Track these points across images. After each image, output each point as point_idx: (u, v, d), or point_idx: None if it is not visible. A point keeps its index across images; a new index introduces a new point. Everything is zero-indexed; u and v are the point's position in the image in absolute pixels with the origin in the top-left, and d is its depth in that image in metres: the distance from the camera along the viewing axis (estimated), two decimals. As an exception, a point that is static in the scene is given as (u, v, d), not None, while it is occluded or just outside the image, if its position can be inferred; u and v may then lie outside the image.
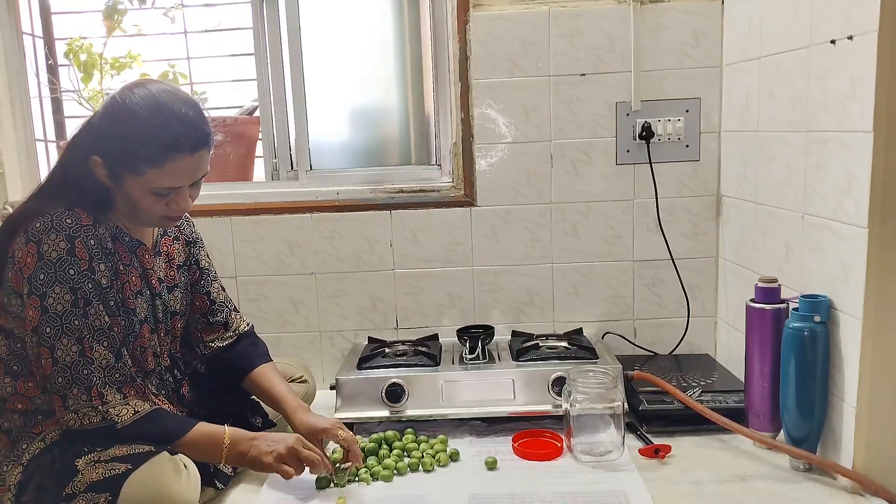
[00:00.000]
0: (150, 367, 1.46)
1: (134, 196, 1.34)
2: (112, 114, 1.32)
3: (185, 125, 1.31)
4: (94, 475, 1.23)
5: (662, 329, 2.11)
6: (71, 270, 1.28)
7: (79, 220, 1.31)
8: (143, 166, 1.30)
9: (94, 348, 1.29)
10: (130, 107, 1.30)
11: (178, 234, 1.58)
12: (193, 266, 1.61)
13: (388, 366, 1.80)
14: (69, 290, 1.28)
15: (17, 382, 1.36)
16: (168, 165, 1.31)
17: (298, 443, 1.39)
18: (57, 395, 1.28)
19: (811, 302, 1.46)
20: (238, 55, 2.24)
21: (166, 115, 1.30)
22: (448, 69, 2.08)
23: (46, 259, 1.27)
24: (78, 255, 1.29)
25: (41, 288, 1.27)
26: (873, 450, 1.38)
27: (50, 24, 2.31)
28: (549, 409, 1.72)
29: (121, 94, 1.33)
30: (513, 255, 2.10)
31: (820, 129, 1.49)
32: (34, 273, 1.27)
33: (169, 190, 1.34)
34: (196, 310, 1.63)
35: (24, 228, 1.29)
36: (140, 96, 1.31)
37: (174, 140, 1.30)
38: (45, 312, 1.27)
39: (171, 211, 1.38)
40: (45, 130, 2.30)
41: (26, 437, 1.35)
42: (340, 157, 2.22)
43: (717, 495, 1.42)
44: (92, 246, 1.31)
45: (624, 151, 2.03)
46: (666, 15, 1.97)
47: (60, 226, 1.29)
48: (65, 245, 1.28)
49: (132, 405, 1.31)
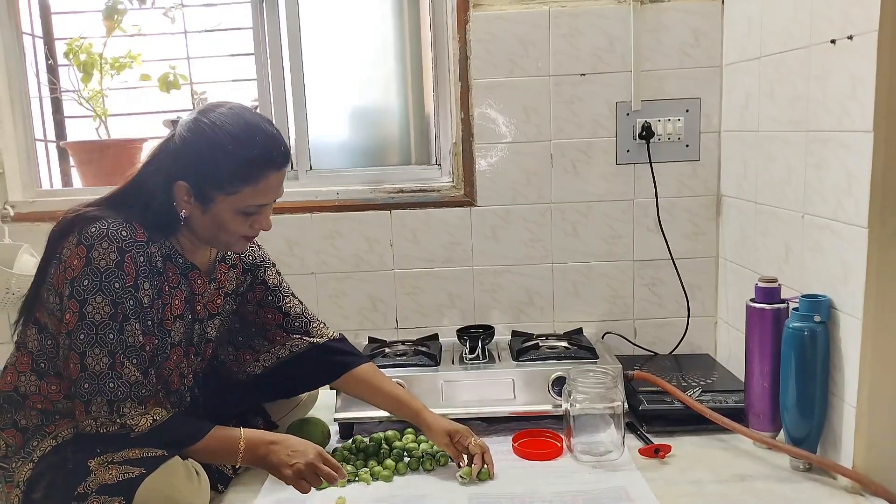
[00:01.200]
0: (174, 388, 1.45)
1: (222, 217, 1.34)
2: (200, 135, 1.31)
3: (274, 140, 1.34)
4: (108, 477, 1.22)
5: (662, 329, 2.11)
6: (116, 283, 1.28)
7: (134, 233, 1.30)
8: (238, 184, 1.31)
9: (125, 364, 1.28)
10: (220, 126, 1.30)
11: (237, 262, 1.56)
12: (259, 287, 1.59)
13: (388, 366, 1.80)
14: (110, 303, 1.27)
15: (42, 383, 1.35)
16: (262, 182, 1.32)
17: (319, 458, 1.36)
18: (80, 401, 1.28)
19: (811, 302, 1.46)
20: (238, 55, 2.24)
21: (256, 132, 1.32)
22: (448, 69, 2.08)
23: (94, 266, 1.27)
24: (125, 270, 1.29)
25: (83, 294, 1.27)
26: (873, 450, 1.38)
27: (50, 24, 2.30)
28: (549, 409, 1.72)
29: (204, 115, 1.32)
30: (513, 255, 2.10)
31: (820, 129, 1.49)
32: (78, 277, 1.27)
33: (258, 208, 1.36)
34: (270, 322, 1.61)
35: (79, 230, 1.29)
36: (227, 116, 1.32)
37: (267, 155, 1.32)
38: (82, 319, 1.27)
39: (254, 231, 1.39)
40: (45, 130, 2.30)
41: (39, 434, 1.34)
42: (340, 157, 2.22)
43: (717, 495, 1.42)
44: (140, 263, 1.31)
45: (624, 151, 2.03)
46: (666, 15, 1.97)
47: (115, 237, 1.28)
48: (115, 257, 1.28)
49: (151, 414, 1.30)
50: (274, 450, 1.35)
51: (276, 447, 1.35)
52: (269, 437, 1.38)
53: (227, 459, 1.38)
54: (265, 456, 1.35)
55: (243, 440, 1.34)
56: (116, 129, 2.28)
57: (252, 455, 1.35)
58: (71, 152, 2.27)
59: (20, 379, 1.36)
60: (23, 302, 1.39)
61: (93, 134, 2.26)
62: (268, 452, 1.35)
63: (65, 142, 2.31)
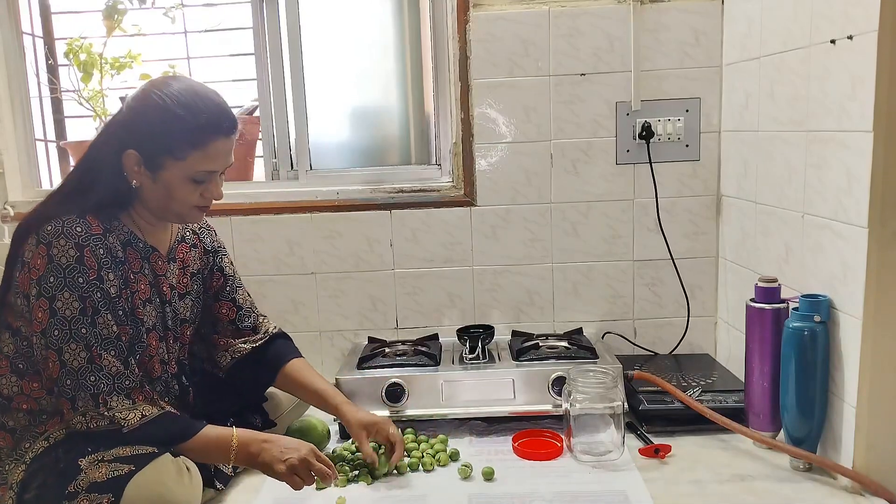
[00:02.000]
0: (156, 375, 1.46)
1: (172, 184, 1.36)
2: (148, 104, 1.34)
3: (222, 109, 1.38)
4: (98, 475, 1.23)
5: (662, 329, 2.11)
6: (80, 279, 1.29)
7: (88, 228, 1.32)
8: (187, 149, 1.34)
9: (103, 356, 1.29)
10: (169, 95, 1.34)
11: (197, 241, 1.59)
12: (217, 273, 1.62)
13: (388, 366, 1.80)
14: (78, 298, 1.29)
15: (23, 382, 1.36)
16: (210, 147, 1.35)
17: (312, 454, 1.37)
18: (65, 398, 1.29)
19: (811, 302, 1.46)
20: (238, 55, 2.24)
21: (205, 101, 1.36)
22: (448, 69, 2.08)
23: (56, 263, 1.28)
24: (87, 264, 1.30)
25: (50, 291, 1.28)
26: (873, 450, 1.38)
27: (50, 24, 2.30)
28: (549, 409, 1.72)
29: (152, 87, 1.36)
30: (513, 255, 2.10)
31: (820, 128, 1.49)
32: (44, 275, 1.28)
33: (207, 175, 1.38)
34: (223, 317, 1.64)
35: (36, 230, 1.31)
36: (175, 87, 1.36)
37: (216, 121, 1.35)
38: (53, 315, 1.28)
39: (205, 200, 1.42)
40: (45, 130, 2.30)
41: (30, 435, 1.35)
42: (340, 157, 2.22)
43: (717, 495, 1.42)
44: (101, 255, 1.32)
45: (624, 151, 2.03)
46: (666, 15, 1.97)
47: (70, 233, 1.30)
48: (74, 253, 1.29)
49: (140, 409, 1.31)
50: (266, 448, 1.36)
51: (269, 445, 1.36)
52: (262, 435, 1.39)
53: (221, 459, 1.39)
54: (258, 454, 1.35)
55: (236, 439, 1.35)
56: (116, 129, 2.28)
57: (245, 453, 1.35)
58: (71, 152, 2.27)
59: (1, 382, 1.36)
60: None
61: (93, 134, 2.26)
62: (260, 450, 1.35)
63: (65, 142, 2.31)
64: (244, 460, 1.37)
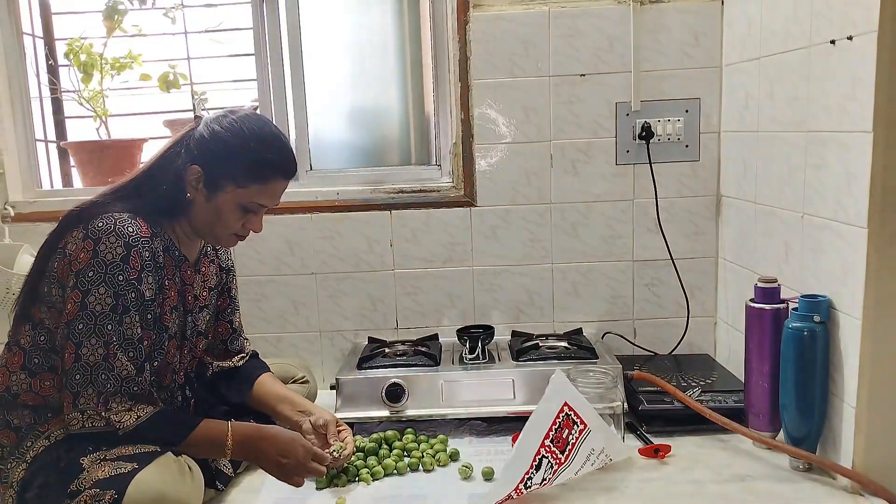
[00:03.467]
0: (165, 383, 1.47)
1: (224, 208, 1.40)
2: (227, 129, 1.40)
3: (289, 153, 1.46)
4: (101, 473, 1.23)
5: (662, 329, 2.11)
6: (120, 276, 1.30)
7: (139, 229, 1.34)
8: (250, 179, 1.39)
9: (118, 356, 1.30)
10: (248, 125, 1.40)
11: (215, 257, 1.61)
12: (225, 293, 1.65)
13: (388, 366, 1.80)
14: (112, 295, 1.30)
15: (33, 380, 1.36)
16: (270, 184, 1.42)
17: (307, 457, 1.39)
18: (70, 392, 1.29)
19: (811, 302, 1.46)
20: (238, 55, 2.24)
21: (279, 142, 1.43)
22: (448, 69, 2.08)
23: (101, 259, 1.29)
24: (131, 264, 1.31)
25: (87, 285, 1.29)
26: (873, 450, 1.38)
27: (50, 24, 2.30)
28: (549, 409, 1.72)
29: (235, 115, 1.42)
30: (513, 255, 2.10)
31: (820, 129, 1.49)
32: (84, 269, 1.29)
33: (258, 207, 1.43)
34: (217, 336, 1.66)
35: (85, 224, 1.32)
36: (254, 120, 1.42)
37: (282, 163, 1.43)
38: (83, 309, 1.29)
39: (245, 230, 1.46)
40: (45, 130, 2.30)
41: (33, 434, 1.35)
42: (340, 157, 2.22)
43: (717, 495, 1.43)
44: (146, 258, 1.34)
45: (624, 151, 2.03)
46: (666, 15, 1.97)
47: (121, 231, 1.31)
48: (122, 251, 1.30)
49: (136, 411, 1.31)
50: (263, 448, 1.38)
51: (266, 444, 1.39)
52: (258, 432, 1.40)
53: (217, 454, 1.40)
54: (254, 454, 1.39)
55: (231, 435, 1.37)
56: (117, 129, 2.28)
57: (241, 450, 1.38)
58: (71, 152, 2.28)
59: (10, 378, 1.37)
60: (16, 299, 1.40)
61: (93, 134, 2.27)
62: (257, 450, 1.39)
63: (65, 142, 2.31)
64: (240, 456, 1.41)
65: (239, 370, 1.67)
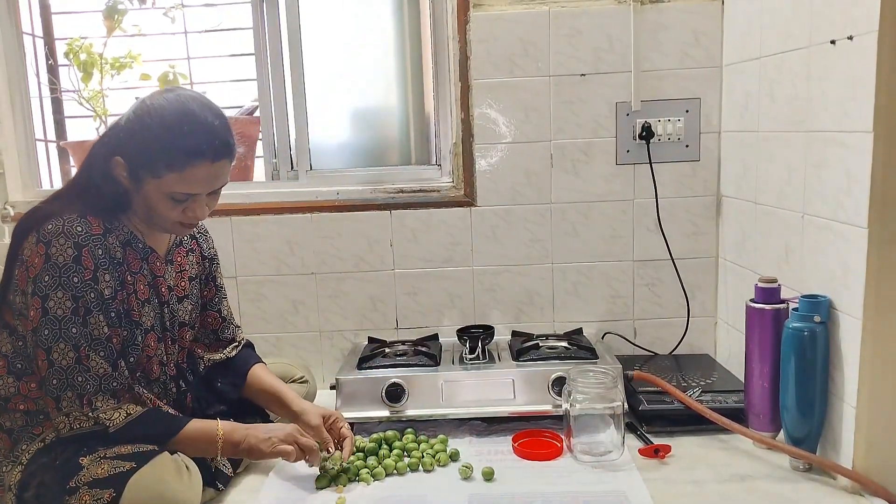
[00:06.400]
0: (154, 376, 1.47)
1: (151, 199, 1.35)
2: (139, 116, 1.33)
3: (210, 133, 1.33)
4: (100, 471, 1.23)
5: (662, 329, 2.11)
6: (75, 278, 1.29)
7: (89, 228, 1.32)
8: (163, 170, 1.32)
9: (91, 357, 1.30)
10: (158, 110, 1.32)
11: (195, 246, 1.60)
12: (210, 283, 1.64)
13: (388, 366, 1.80)
14: (71, 298, 1.29)
15: (20, 383, 1.36)
16: (188, 171, 1.32)
17: (296, 431, 1.43)
18: (51, 398, 1.29)
19: (811, 302, 1.46)
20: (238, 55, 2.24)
21: (192, 122, 1.32)
22: (448, 69, 2.08)
23: (53, 262, 1.28)
24: (83, 264, 1.30)
25: (44, 290, 1.28)
26: (873, 450, 1.38)
27: (50, 24, 2.31)
28: (549, 409, 1.72)
29: (150, 98, 1.35)
30: (513, 255, 2.10)
31: (820, 129, 1.49)
32: (39, 274, 1.28)
33: (186, 196, 1.35)
34: (207, 326, 1.66)
35: (37, 229, 1.31)
36: (169, 101, 1.33)
37: (197, 147, 1.31)
38: (45, 314, 1.28)
39: (187, 218, 1.39)
40: (45, 130, 2.30)
41: (26, 437, 1.35)
42: (340, 157, 2.22)
43: (717, 495, 1.43)
44: (99, 256, 1.32)
45: (624, 151, 2.03)
46: (666, 15, 1.97)
47: (70, 232, 1.30)
48: (72, 252, 1.29)
49: (125, 408, 1.32)
50: (250, 433, 1.40)
51: (253, 431, 1.41)
52: (246, 425, 1.43)
53: (208, 451, 1.40)
54: (243, 439, 1.39)
55: (220, 430, 1.38)
56: (116, 129, 2.28)
57: (231, 441, 1.39)
58: (71, 152, 2.28)
59: None
60: None
61: (93, 134, 2.26)
62: (245, 436, 1.40)
63: (65, 142, 2.31)
64: (231, 449, 1.40)
65: (232, 362, 1.66)
